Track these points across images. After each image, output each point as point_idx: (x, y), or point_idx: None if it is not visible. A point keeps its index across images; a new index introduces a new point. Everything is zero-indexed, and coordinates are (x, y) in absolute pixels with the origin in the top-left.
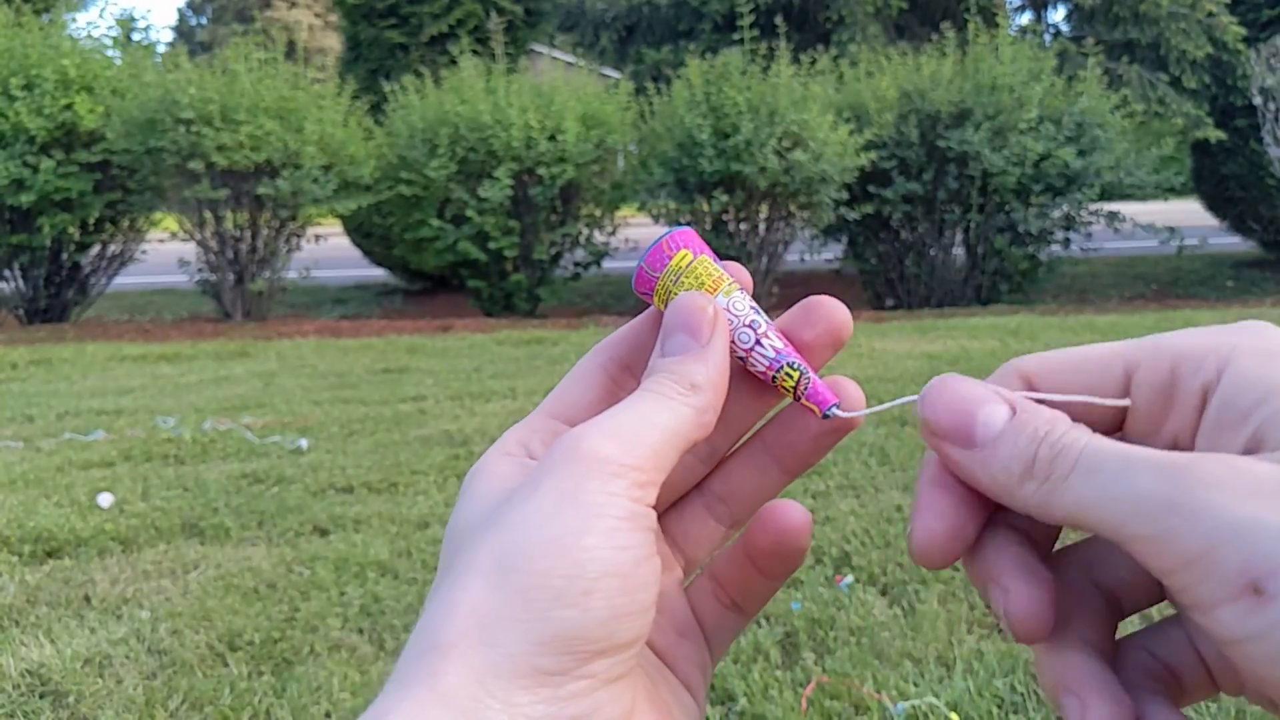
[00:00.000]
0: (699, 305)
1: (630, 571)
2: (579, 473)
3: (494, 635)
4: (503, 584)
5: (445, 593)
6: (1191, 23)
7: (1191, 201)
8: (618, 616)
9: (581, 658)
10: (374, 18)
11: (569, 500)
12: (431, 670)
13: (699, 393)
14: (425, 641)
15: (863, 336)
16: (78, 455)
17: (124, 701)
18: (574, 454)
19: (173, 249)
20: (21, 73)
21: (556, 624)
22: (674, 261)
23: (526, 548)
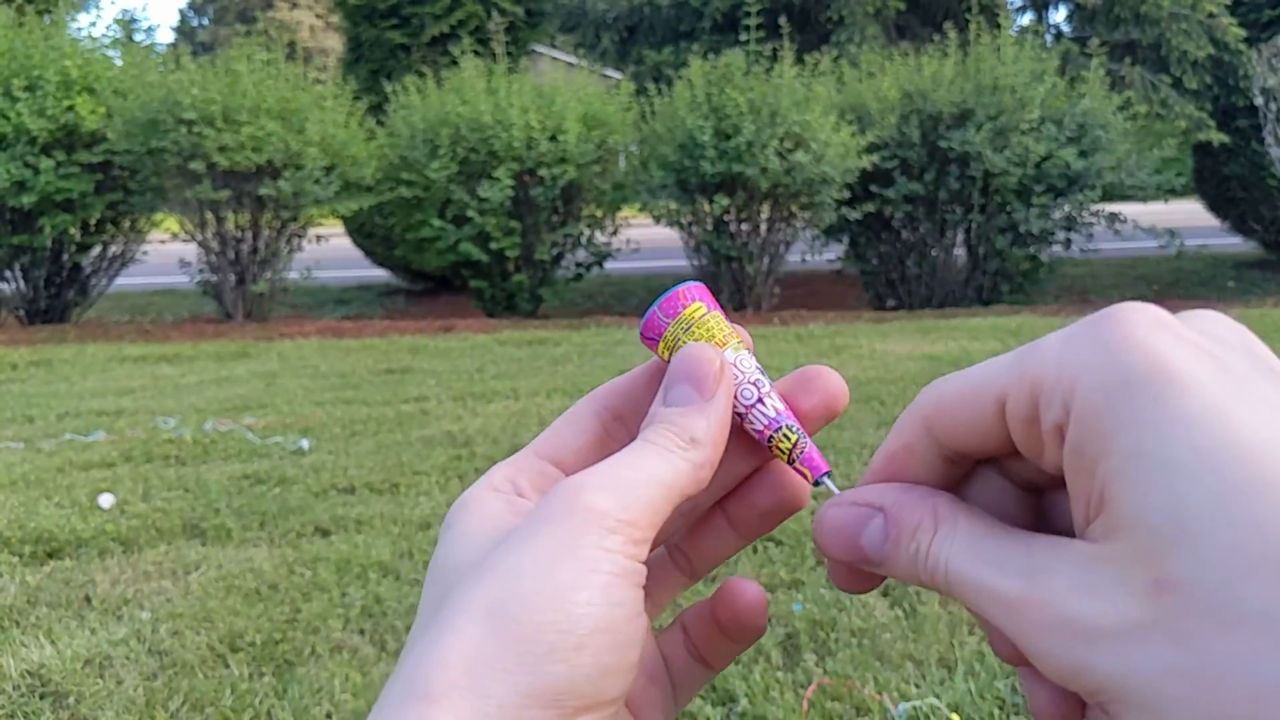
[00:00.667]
0: (707, 357)
1: (621, 628)
2: (577, 526)
3: (485, 686)
4: (497, 633)
5: (435, 636)
6: (1192, 23)
7: (1193, 202)
8: (605, 674)
9: (566, 712)
10: (375, 18)
11: (566, 553)
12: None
13: (698, 448)
14: (414, 688)
15: (864, 337)
16: (78, 456)
17: (124, 702)
18: (572, 505)
19: (174, 250)
20: (23, 74)
21: (547, 678)
22: (686, 312)
23: (523, 598)
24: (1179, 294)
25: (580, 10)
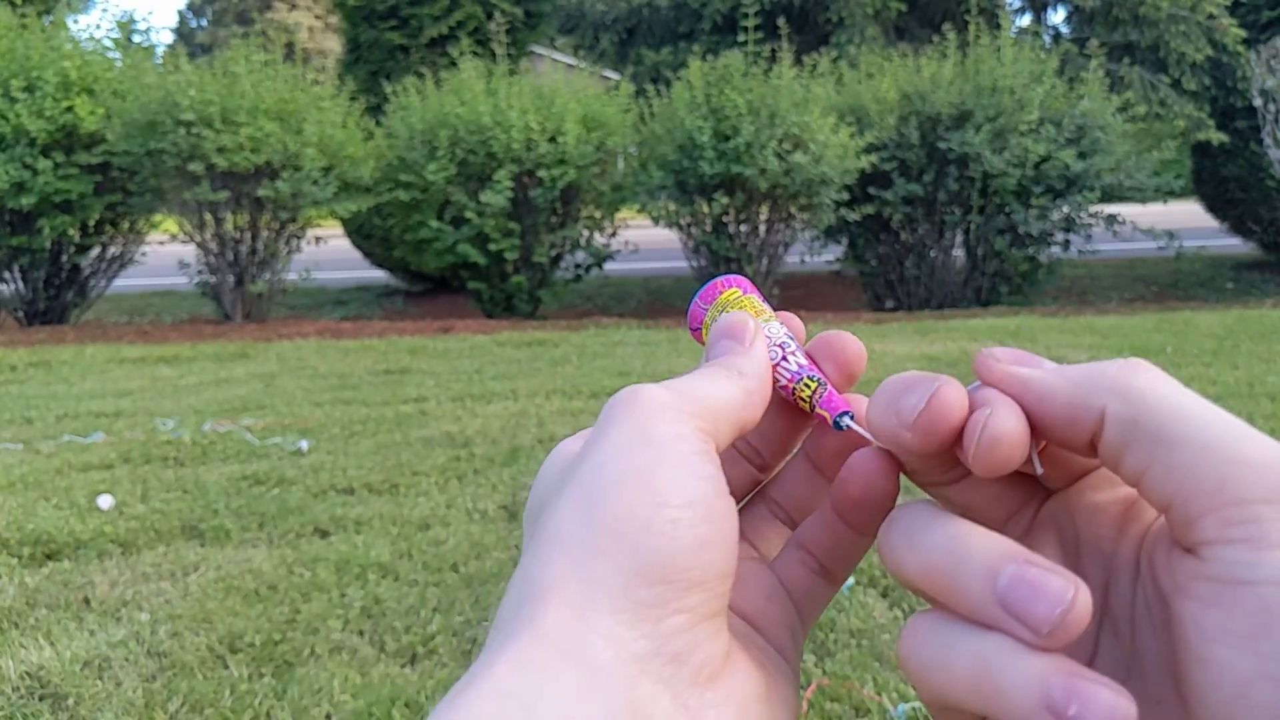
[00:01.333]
0: (740, 319)
1: (711, 502)
2: (644, 415)
3: (589, 570)
4: (590, 520)
5: (534, 545)
6: (1191, 25)
7: (1192, 203)
8: (705, 545)
9: (677, 589)
10: (374, 20)
11: (640, 439)
12: (531, 616)
13: (746, 378)
14: (522, 591)
15: (863, 338)
16: (77, 457)
17: (123, 704)
18: (634, 401)
19: (173, 251)
20: (22, 74)
21: (648, 553)
22: (722, 297)
23: (607, 484)
24: (1178, 295)
25: (579, 11)
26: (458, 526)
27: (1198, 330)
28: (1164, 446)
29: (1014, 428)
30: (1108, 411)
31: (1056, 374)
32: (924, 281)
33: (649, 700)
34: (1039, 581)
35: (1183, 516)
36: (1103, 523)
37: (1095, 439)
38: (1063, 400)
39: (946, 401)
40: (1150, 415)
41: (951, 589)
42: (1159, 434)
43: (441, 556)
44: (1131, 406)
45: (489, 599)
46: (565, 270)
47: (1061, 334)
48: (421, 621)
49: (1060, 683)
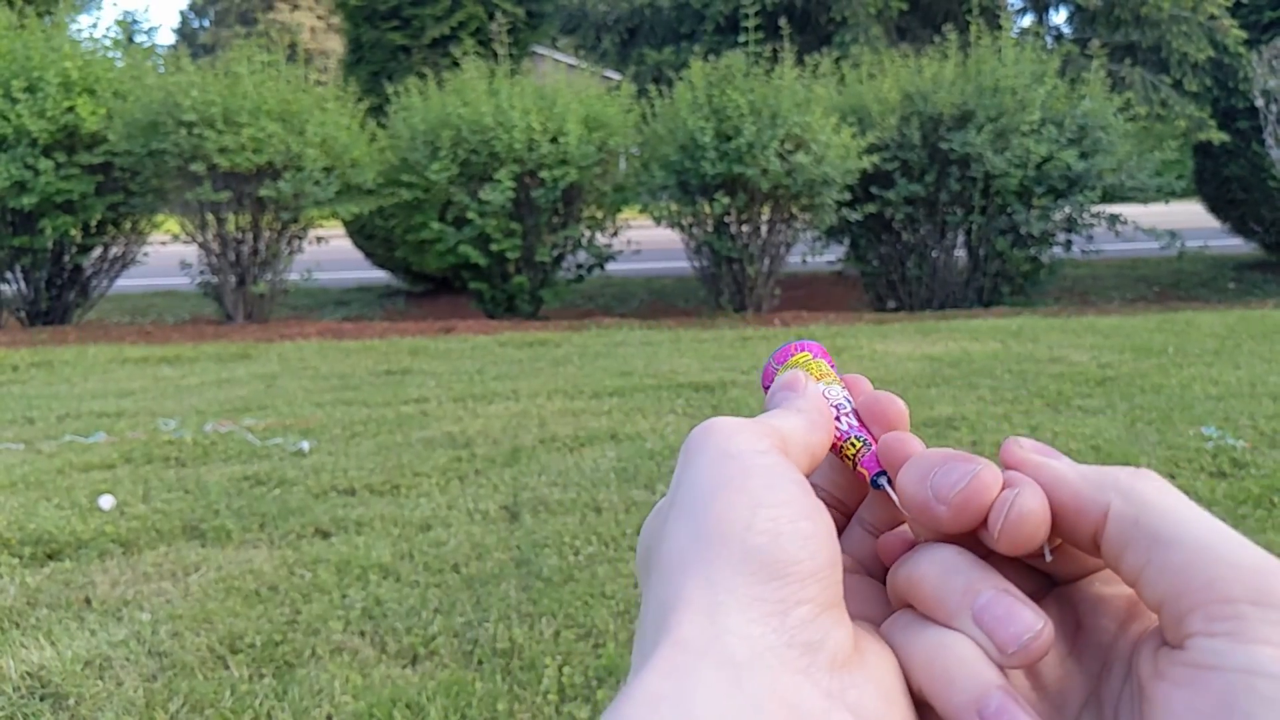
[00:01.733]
0: (794, 375)
1: (803, 500)
2: (722, 437)
3: (710, 576)
4: (697, 533)
5: (655, 572)
6: (1193, 25)
7: (1193, 204)
8: (808, 537)
9: (793, 582)
10: (376, 20)
11: (723, 456)
12: (666, 628)
13: (805, 413)
14: (655, 612)
15: (864, 339)
16: (79, 457)
17: (124, 704)
18: (710, 428)
19: (174, 251)
20: (24, 75)
21: (756, 551)
22: (794, 359)
23: (704, 499)
24: (1179, 295)
25: (581, 12)
26: (459, 527)
27: (1199, 330)
28: (1160, 546)
29: (1039, 508)
30: (1112, 508)
31: (1071, 468)
32: (926, 282)
33: (792, 689)
34: (1013, 608)
35: (1174, 613)
36: (1106, 615)
37: (1099, 534)
38: (1072, 491)
39: (986, 483)
40: (1150, 516)
41: (933, 596)
42: (1156, 534)
43: (442, 557)
44: (1133, 506)
45: (490, 600)
46: (567, 270)
47: (1063, 334)
48: (422, 622)
49: (998, 697)
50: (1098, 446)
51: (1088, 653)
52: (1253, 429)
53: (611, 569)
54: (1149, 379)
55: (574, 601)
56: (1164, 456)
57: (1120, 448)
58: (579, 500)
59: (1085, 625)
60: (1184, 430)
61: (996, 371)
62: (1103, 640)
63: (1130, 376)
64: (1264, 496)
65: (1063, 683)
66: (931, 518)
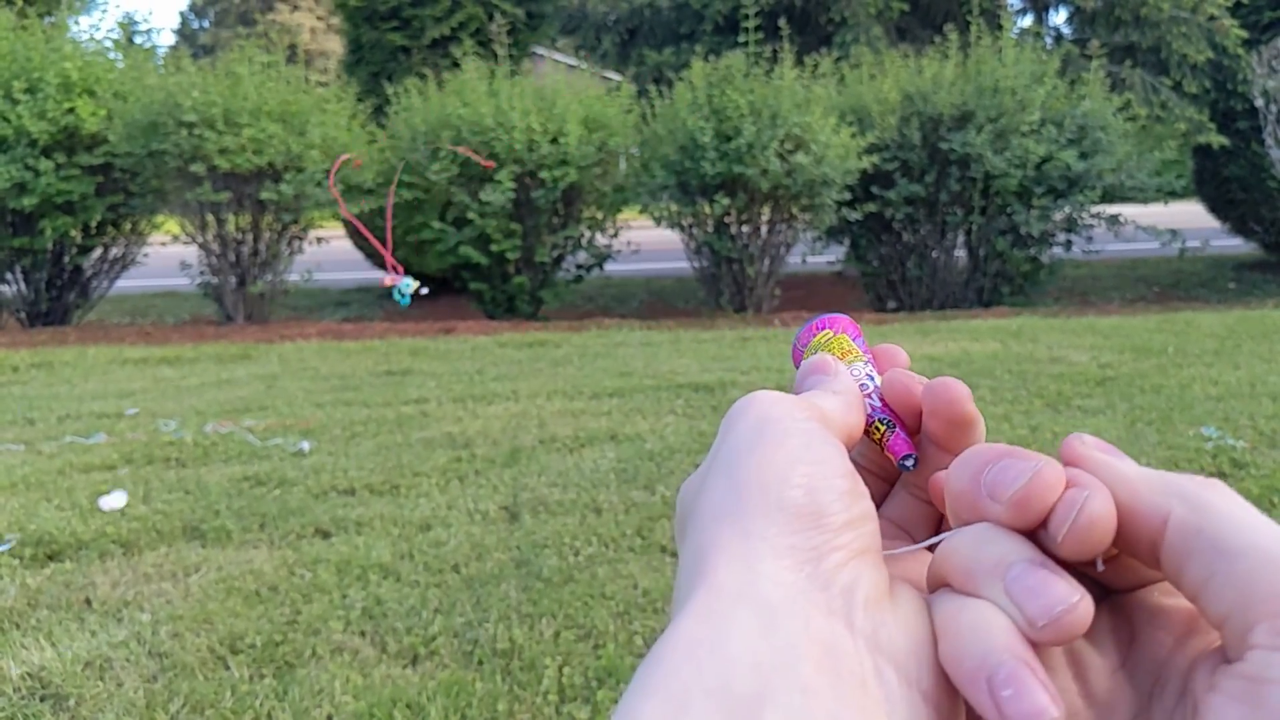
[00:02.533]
0: (820, 358)
1: (839, 461)
2: (763, 405)
3: (745, 526)
4: (734, 486)
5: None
6: (1192, 26)
7: (1193, 204)
8: (843, 493)
9: (827, 531)
10: (376, 21)
11: (764, 421)
12: (702, 573)
13: (840, 394)
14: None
15: (864, 339)
16: (79, 458)
17: (125, 705)
18: (751, 400)
19: (174, 252)
20: (24, 76)
21: (791, 502)
22: (817, 339)
23: (742, 456)
24: (1179, 295)
25: (581, 12)
26: (459, 527)
27: (1199, 330)
28: (1225, 557)
29: (1108, 512)
30: (1173, 515)
31: (1135, 469)
32: (926, 282)
33: (825, 629)
34: (1047, 579)
35: (1237, 627)
36: (1164, 628)
37: (1158, 542)
38: (1132, 493)
39: (1049, 482)
40: (1215, 525)
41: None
42: (1220, 544)
43: (442, 557)
44: (1197, 514)
45: (490, 600)
46: (567, 271)
47: (1063, 334)
48: (423, 622)
49: (1010, 665)
50: None
51: (1141, 666)
52: (1252, 429)
53: (611, 570)
54: (1149, 379)
55: (574, 602)
56: (1164, 457)
57: (1120, 448)
58: (579, 501)
59: (1140, 638)
60: (1184, 430)
61: (996, 372)
62: (1158, 655)
63: (1130, 377)
64: (1264, 496)
65: (1112, 695)
66: (983, 517)
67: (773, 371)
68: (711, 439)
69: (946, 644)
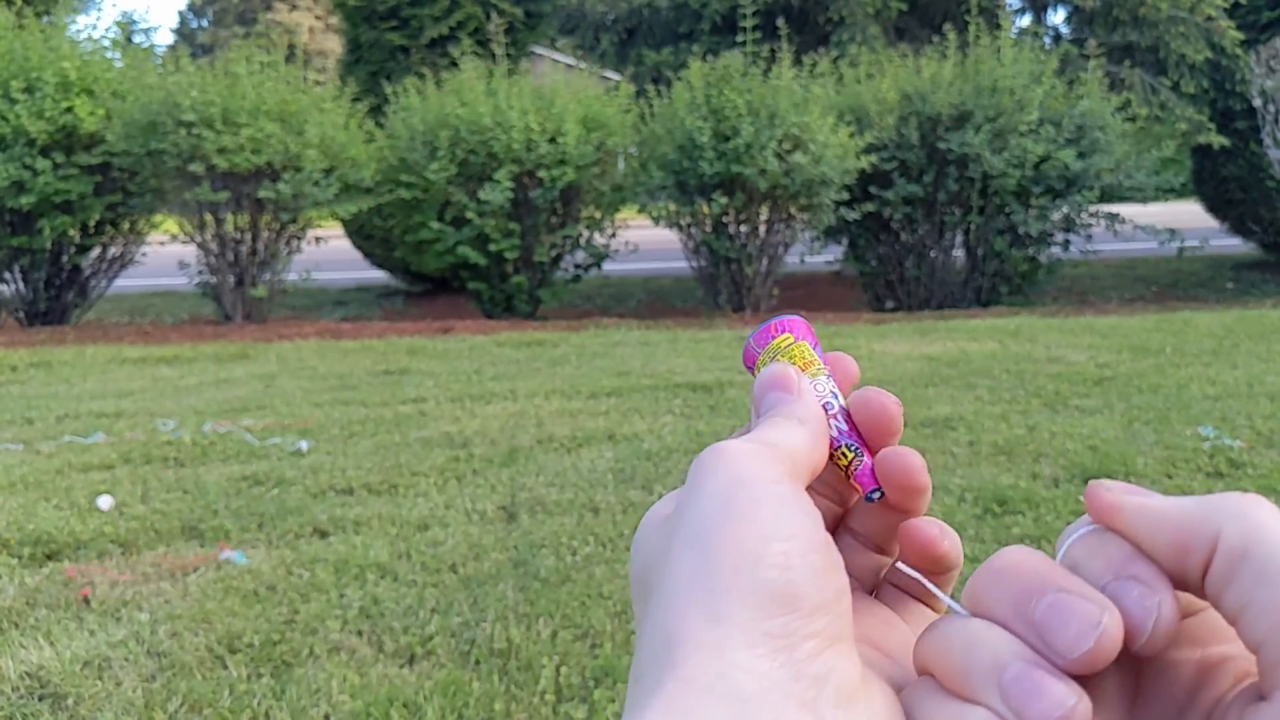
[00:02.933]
0: (782, 369)
1: (814, 534)
2: (733, 463)
3: (716, 610)
4: (705, 563)
5: (658, 598)
6: (1191, 26)
7: (1192, 203)
8: (819, 572)
9: (802, 615)
10: (375, 20)
11: (735, 484)
12: (671, 661)
13: (807, 423)
14: (657, 641)
15: (862, 339)
16: (77, 458)
17: (123, 704)
18: (720, 453)
19: (173, 251)
20: (22, 75)
21: (768, 585)
22: (775, 342)
23: (713, 527)
24: (1178, 295)
25: (579, 12)
26: (456, 527)
27: (1197, 330)
28: (1266, 583)
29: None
30: (1223, 535)
31: (1171, 500)
32: (924, 282)
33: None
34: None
35: (1271, 658)
36: (1175, 682)
37: (1207, 568)
38: (1174, 525)
39: (1115, 639)
40: (1260, 548)
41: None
42: (1265, 570)
43: (440, 557)
44: (1246, 536)
45: (487, 599)
46: (565, 270)
47: (1061, 334)
48: (420, 622)
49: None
50: (1095, 446)
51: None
52: (1250, 429)
53: (608, 569)
54: (1146, 379)
55: (571, 602)
56: (1161, 456)
57: (1117, 448)
58: (576, 500)
59: (1148, 694)
60: (1181, 430)
61: (994, 371)
62: (1167, 712)
63: (1128, 376)
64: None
65: None
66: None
67: None
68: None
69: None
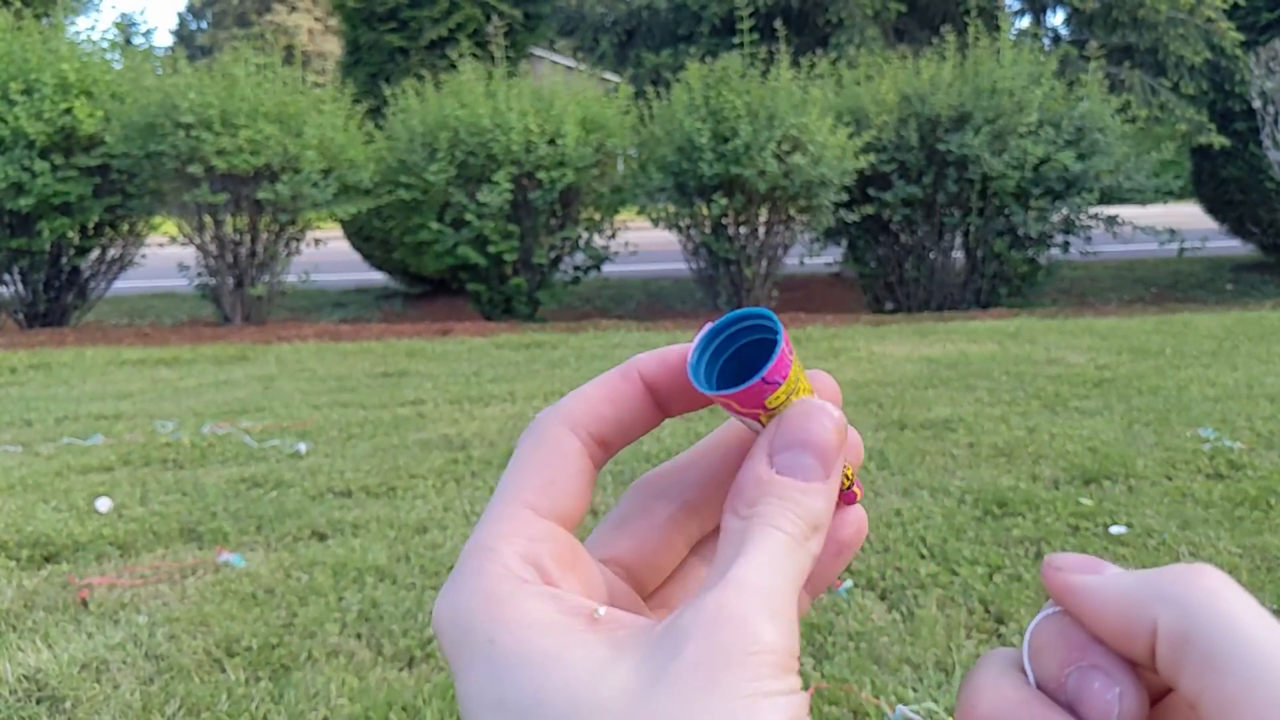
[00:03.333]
0: (835, 427)
1: None
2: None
3: None
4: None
5: None
6: (1190, 28)
7: (1191, 205)
8: None
9: None
10: (374, 22)
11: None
12: None
13: (818, 536)
14: None
15: (862, 340)
16: (76, 460)
17: (121, 707)
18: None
19: (172, 253)
20: (21, 77)
21: None
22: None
23: None
24: (1177, 296)
25: (578, 14)
26: (455, 529)
27: (1197, 331)
28: (1215, 673)
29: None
30: (1160, 624)
31: (1115, 580)
32: (923, 283)
33: None
34: None
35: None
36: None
37: (1152, 653)
38: (1116, 610)
39: None
40: (1201, 634)
41: None
42: (1209, 658)
43: (439, 560)
44: (1184, 620)
45: None
46: (564, 272)
47: (1061, 335)
48: (419, 625)
49: None
50: (1095, 448)
51: None
52: (1250, 430)
53: None
54: (1146, 380)
55: None
56: (1161, 458)
57: (1117, 449)
58: None
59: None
60: (1181, 432)
61: (994, 373)
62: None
63: (1128, 378)
64: (1260, 498)
65: None
66: None
67: None
68: None
69: None
